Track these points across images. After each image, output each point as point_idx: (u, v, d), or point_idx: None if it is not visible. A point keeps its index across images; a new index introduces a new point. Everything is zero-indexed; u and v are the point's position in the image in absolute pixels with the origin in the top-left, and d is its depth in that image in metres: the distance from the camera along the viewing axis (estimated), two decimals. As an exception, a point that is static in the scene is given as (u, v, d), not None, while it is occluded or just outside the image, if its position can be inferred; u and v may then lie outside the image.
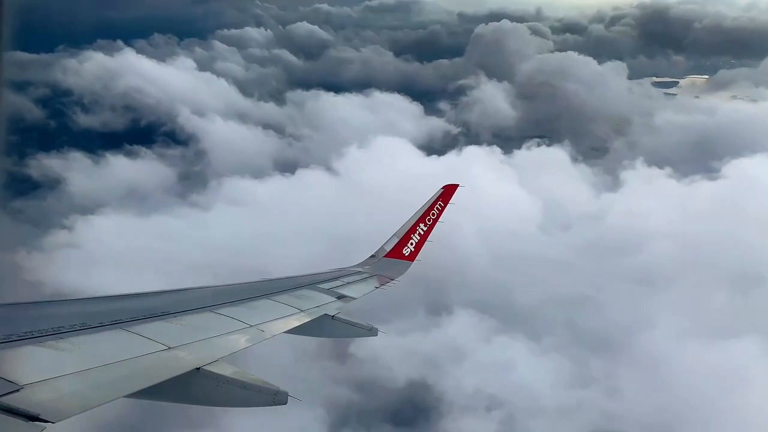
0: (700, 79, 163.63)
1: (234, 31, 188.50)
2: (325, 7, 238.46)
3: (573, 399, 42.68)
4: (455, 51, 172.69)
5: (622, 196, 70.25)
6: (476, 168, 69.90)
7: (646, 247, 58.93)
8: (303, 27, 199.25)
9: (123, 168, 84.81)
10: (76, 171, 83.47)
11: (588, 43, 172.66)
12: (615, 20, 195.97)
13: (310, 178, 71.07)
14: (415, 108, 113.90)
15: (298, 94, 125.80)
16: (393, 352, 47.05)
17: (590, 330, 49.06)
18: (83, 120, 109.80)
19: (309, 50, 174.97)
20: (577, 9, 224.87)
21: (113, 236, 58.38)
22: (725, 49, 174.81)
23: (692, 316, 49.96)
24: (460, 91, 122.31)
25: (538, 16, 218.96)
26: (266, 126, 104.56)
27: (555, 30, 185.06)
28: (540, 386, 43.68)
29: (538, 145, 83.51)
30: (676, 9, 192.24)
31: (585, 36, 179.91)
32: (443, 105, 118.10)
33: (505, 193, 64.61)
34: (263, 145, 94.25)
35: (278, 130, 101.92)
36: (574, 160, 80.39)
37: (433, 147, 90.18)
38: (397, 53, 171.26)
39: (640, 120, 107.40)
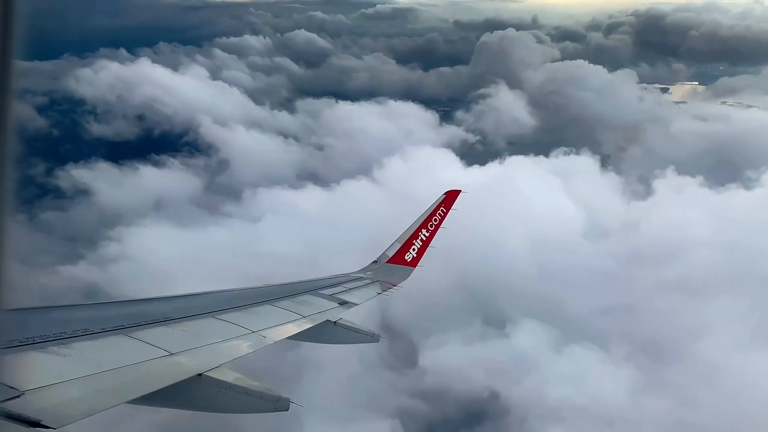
0: (689, 85, 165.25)
1: (233, 39, 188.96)
2: (319, 14, 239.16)
3: (649, 408, 42.70)
4: (457, 59, 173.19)
5: (655, 204, 70.18)
6: (520, 177, 70.36)
7: (689, 255, 58.46)
8: (301, 35, 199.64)
9: (151, 178, 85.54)
10: (104, 181, 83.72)
11: (588, 51, 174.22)
12: (612, 28, 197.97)
13: (353, 187, 71.35)
14: (430, 116, 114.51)
15: (309, 103, 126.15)
16: (461, 362, 47.53)
17: (649, 339, 48.79)
18: (104, 130, 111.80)
19: (310, 58, 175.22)
20: (571, 17, 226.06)
21: (165, 247, 58.45)
22: (720, 57, 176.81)
23: (747, 325, 50.39)
24: (472, 100, 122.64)
25: (534, 24, 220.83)
26: (285, 135, 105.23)
27: (553, 38, 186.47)
28: (614, 395, 43.63)
29: (566, 153, 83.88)
30: (672, 17, 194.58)
31: (584, 44, 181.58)
32: (457, 113, 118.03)
33: (550, 202, 64.71)
34: (286, 155, 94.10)
35: (298, 139, 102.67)
36: (602, 168, 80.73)
37: (466, 156, 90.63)
38: (400, 61, 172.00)
39: (657, 128, 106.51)
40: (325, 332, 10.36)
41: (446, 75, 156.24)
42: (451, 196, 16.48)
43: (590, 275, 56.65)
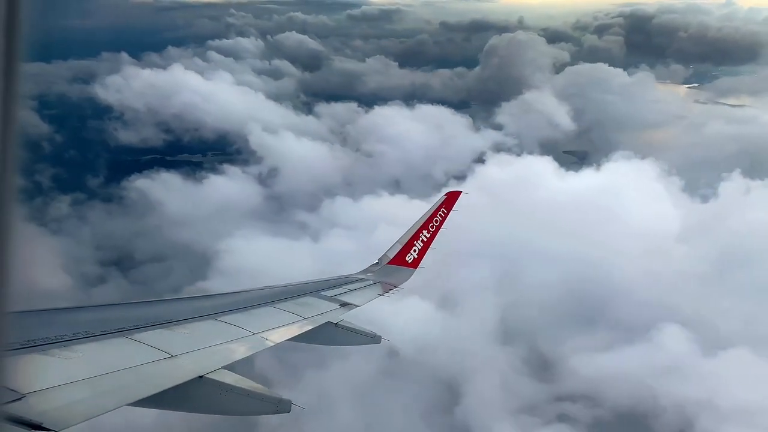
0: (687, 86, 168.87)
1: (226, 42, 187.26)
2: (300, 15, 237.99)
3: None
4: (459, 61, 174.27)
5: (724, 206, 71.70)
6: (622, 182, 70.48)
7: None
8: (293, 37, 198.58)
9: (217, 187, 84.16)
10: (171, 191, 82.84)
11: (581, 52, 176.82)
12: (601, 29, 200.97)
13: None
14: (464, 120, 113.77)
15: (329, 107, 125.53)
16: (609, 368, 47.94)
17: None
18: (153, 139, 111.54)
19: (308, 61, 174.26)
20: (551, 18, 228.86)
21: (277, 259, 58.11)
22: (708, 57, 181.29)
23: None
24: (494, 102, 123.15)
25: (520, 25, 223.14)
26: (330, 141, 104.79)
27: (547, 40, 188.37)
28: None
29: (623, 157, 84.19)
30: (659, 18, 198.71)
31: (578, 45, 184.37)
32: (485, 116, 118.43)
33: (641, 206, 65.25)
34: (338, 161, 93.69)
35: (345, 145, 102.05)
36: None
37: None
38: (402, 63, 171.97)
39: (690, 129, 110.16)
40: (327, 334, 10.41)
41: (459, 77, 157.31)
42: (451, 197, 16.60)
43: (698, 278, 57.94)
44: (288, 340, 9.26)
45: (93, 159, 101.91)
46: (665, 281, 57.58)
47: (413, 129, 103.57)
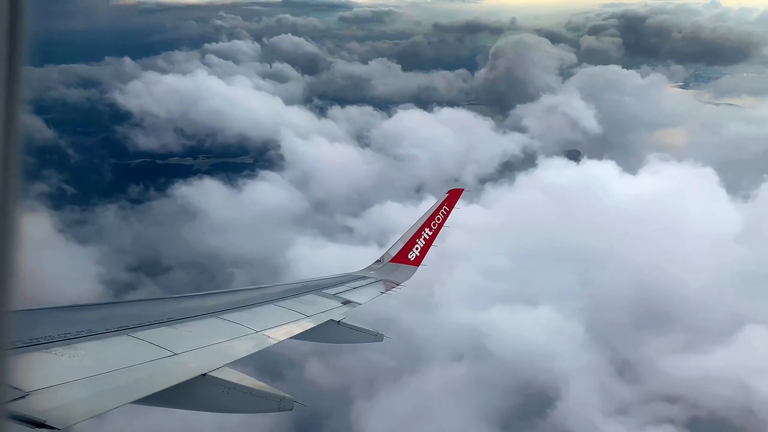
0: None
1: (223, 45, 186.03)
2: (288, 17, 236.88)
3: None
4: (457, 62, 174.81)
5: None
6: (675, 184, 70.20)
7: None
8: (288, 39, 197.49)
9: (259, 193, 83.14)
10: (211, 197, 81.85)
11: (580, 54, 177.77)
12: (595, 30, 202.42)
13: (508, 200, 70.44)
14: (486, 122, 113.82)
15: (343, 111, 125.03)
16: (699, 368, 48.32)
17: None
18: (185, 145, 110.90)
19: (307, 64, 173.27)
20: (543, 18, 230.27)
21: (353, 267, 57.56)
22: (701, 57, 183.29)
23: None
24: (508, 105, 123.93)
25: (513, 25, 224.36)
26: (350, 144, 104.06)
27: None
28: None
29: (659, 159, 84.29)
30: (651, 19, 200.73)
31: (575, 47, 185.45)
32: (502, 119, 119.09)
33: (699, 207, 65.64)
34: (373, 166, 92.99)
35: (376, 149, 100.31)
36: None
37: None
38: (405, 65, 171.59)
39: (709, 130, 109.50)
40: (329, 332, 10.45)
41: (466, 79, 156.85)
42: (453, 195, 16.67)
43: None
44: (291, 338, 9.28)
45: (124, 166, 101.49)
46: (736, 282, 58.00)
47: (438, 132, 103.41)
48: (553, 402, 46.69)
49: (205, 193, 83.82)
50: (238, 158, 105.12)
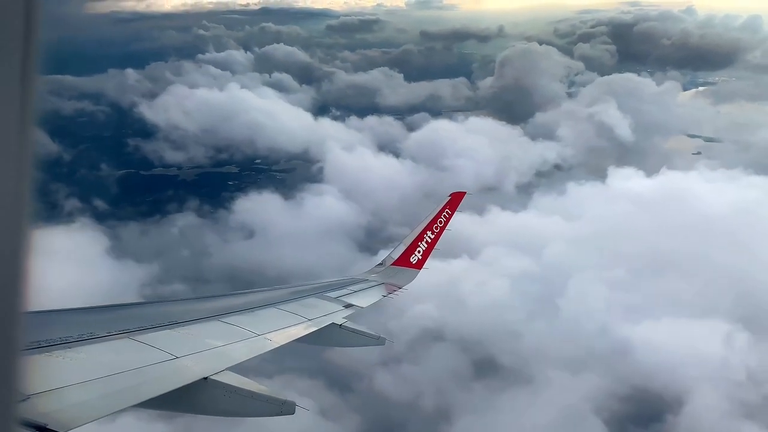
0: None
1: (218, 55, 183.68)
2: (271, 26, 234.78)
3: None
4: (452, 71, 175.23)
5: None
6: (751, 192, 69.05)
7: None
8: (281, 49, 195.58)
9: (315, 206, 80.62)
10: (268, 210, 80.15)
11: (577, 60, 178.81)
12: (586, 37, 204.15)
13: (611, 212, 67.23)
14: (514, 131, 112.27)
15: (365, 120, 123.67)
16: None
17: None
18: (230, 158, 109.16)
19: (305, 74, 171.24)
20: (529, 25, 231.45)
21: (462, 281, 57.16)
22: (687, 63, 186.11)
23: None
24: (524, 113, 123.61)
25: (500, 33, 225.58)
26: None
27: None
28: None
29: (707, 167, 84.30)
30: (639, 26, 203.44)
31: (569, 54, 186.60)
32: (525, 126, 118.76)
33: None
34: (417, 177, 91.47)
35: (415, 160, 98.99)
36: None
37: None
38: (407, 75, 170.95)
39: (737, 136, 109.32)
40: (331, 335, 10.49)
41: (475, 88, 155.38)
42: (456, 198, 16.78)
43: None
44: (292, 341, 9.30)
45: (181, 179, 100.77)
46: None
47: (472, 141, 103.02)
48: (676, 408, 46.55)
49: (259, 207, 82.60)
50: (284, 171, 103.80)
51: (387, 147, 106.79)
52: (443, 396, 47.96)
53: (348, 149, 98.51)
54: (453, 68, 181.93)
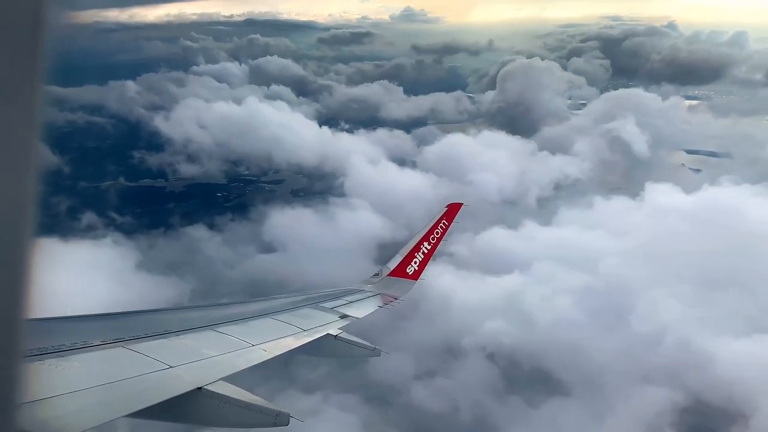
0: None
1: (213, 66, 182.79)
2: (259, 38, 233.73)
3: None
4: (447, 84, 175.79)
5: None
6: None
7: None
8: (275, 61, 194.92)
9: (346, 220, 79.64)
10: (300, 225, 79.43)
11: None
12: (576, 52, 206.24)
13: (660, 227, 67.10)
14: (528, 145, 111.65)
15: (375, 133, 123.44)
16: None
17: None
18: (261, 173, 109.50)
19: (297, 86, 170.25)
20: (504, 39, 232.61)
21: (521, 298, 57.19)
22: (676, 77, 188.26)
23: None
24: (530, 127, 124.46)
25: (490, 47, 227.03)
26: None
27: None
28: None
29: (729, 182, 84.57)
30: (628, 41, 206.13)
31: (563, 68, 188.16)
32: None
33: None
34: (440, 191, 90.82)
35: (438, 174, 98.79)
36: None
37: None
38: (406, 89, 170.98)
39: (753, 149, 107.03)
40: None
41: (476, 102, 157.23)
42: (452, 209, 16.82)
43: None
44: (287, 351, 9.32)
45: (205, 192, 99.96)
46: None
47: (489, 155, 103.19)
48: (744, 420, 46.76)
49: (288, 221, 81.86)
50: (308, 184, 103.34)
51: (402, 160, 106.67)
52: (521, 413, 47.87)
53: (372, 162, 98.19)
54: (447, 82, 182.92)
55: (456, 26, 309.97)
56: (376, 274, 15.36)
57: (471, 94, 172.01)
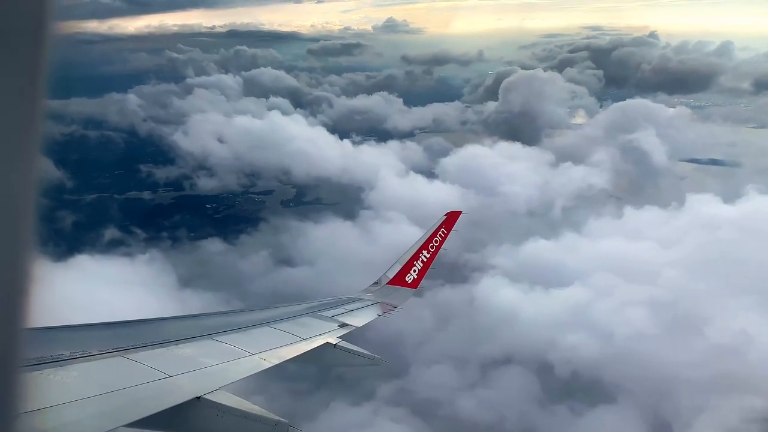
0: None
1: (207, 78, 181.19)
2: (246, 49, 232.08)
3: None
4: (443, 95, 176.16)
5: None
6: None
7: None
8: (268, 73, 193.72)
9: (381, 234, 79.49)
10: (335, 237, 79.16)
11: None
12: (567, 62, 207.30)
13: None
14: (545, 156, 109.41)
15: (387, 145, 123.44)
16: None
17: None
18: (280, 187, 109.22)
19: (292, 98, 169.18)
20: (491, 49, 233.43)
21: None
22: (664, 86, 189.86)
23: None
24: (537, 137, 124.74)
25: (480, 57, 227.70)
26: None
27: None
28: None
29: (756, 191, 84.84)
30: (618, 52, 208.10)
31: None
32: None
33: None
34: (469, 202, 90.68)
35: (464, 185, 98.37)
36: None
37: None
38: (406, 100, 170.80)
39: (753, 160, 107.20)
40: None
41: (479, 113, 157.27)
42: (451, 218, 16.93)
43: None
44: (286, 360, 9.33)
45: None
46: None
47: (511, 166, 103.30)
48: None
49: (322, 234, 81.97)
50: (342, 199, 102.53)
51: (423, 172, 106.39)
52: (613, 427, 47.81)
53: (399, 174, 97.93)
54: (441, 92, 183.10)
55: (440, 37, 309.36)
56: (375, 283, 15.26)
57: (468, 105, 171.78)
